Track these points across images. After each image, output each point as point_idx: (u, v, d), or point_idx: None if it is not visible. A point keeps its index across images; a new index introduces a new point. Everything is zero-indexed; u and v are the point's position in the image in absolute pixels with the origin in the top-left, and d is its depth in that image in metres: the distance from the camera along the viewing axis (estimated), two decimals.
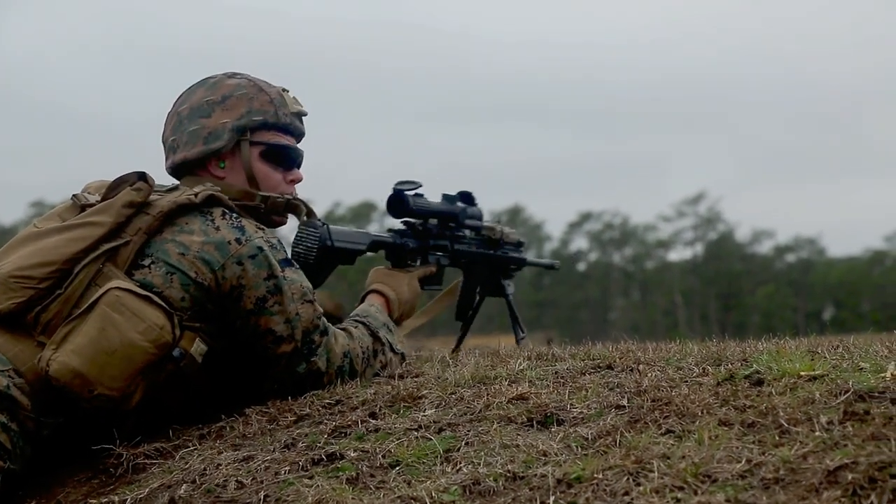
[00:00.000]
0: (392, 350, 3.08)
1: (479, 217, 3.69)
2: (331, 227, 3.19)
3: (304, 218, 3.15)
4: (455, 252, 3.58)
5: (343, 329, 2.98)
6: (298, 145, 3.09)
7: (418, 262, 3.46)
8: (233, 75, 3.03)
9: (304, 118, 3.09)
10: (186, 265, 2.69)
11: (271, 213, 3.00)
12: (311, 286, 2.87)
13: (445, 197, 3.56)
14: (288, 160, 3.04)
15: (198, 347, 2.67)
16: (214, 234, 2.73)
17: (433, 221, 3.51)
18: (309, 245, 3.16)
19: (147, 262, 2.69)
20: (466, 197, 3.63)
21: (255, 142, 2.98)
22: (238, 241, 2.74)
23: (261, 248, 2.75)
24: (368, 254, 3.41)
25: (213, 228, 2.74)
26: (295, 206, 3.06)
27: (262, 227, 2.85)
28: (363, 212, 60.00)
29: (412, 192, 3.37)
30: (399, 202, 3.36)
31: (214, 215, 2.77)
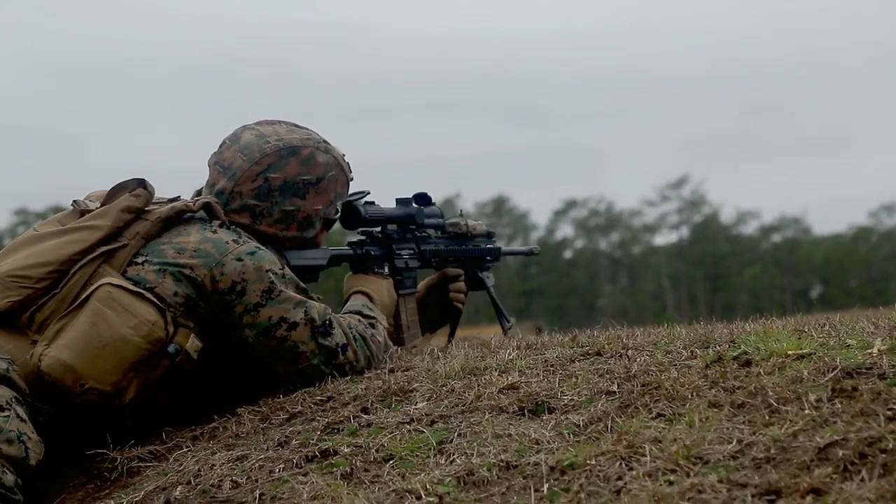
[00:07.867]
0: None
1: (440, 215, 3.65)
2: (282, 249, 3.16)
3: None
4: (423, 253, 3.56)
5: None
6: None
7: (385, 269, 3.44)
8: (317, 145, 3.02)
9: None
10: (182, 262, 2.72)
11: None
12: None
13: (399, 201, 3.53)
14: None
15: (193, 344, 2.69)
16: (212, 236, 2.78)
17: (392, 227, 3.50)
18: None
19: (140, 260, 2.72)
20: (422, 198, 3.60)
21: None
22: (235, 241, 2.79)
23: (258, 247, 2.80)
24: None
25: (211, 232, 2.79)
26: None
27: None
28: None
29: (362, 201, 3.36)
30: (351, 213, 3.33)
31: (213, 224, 2.82)
